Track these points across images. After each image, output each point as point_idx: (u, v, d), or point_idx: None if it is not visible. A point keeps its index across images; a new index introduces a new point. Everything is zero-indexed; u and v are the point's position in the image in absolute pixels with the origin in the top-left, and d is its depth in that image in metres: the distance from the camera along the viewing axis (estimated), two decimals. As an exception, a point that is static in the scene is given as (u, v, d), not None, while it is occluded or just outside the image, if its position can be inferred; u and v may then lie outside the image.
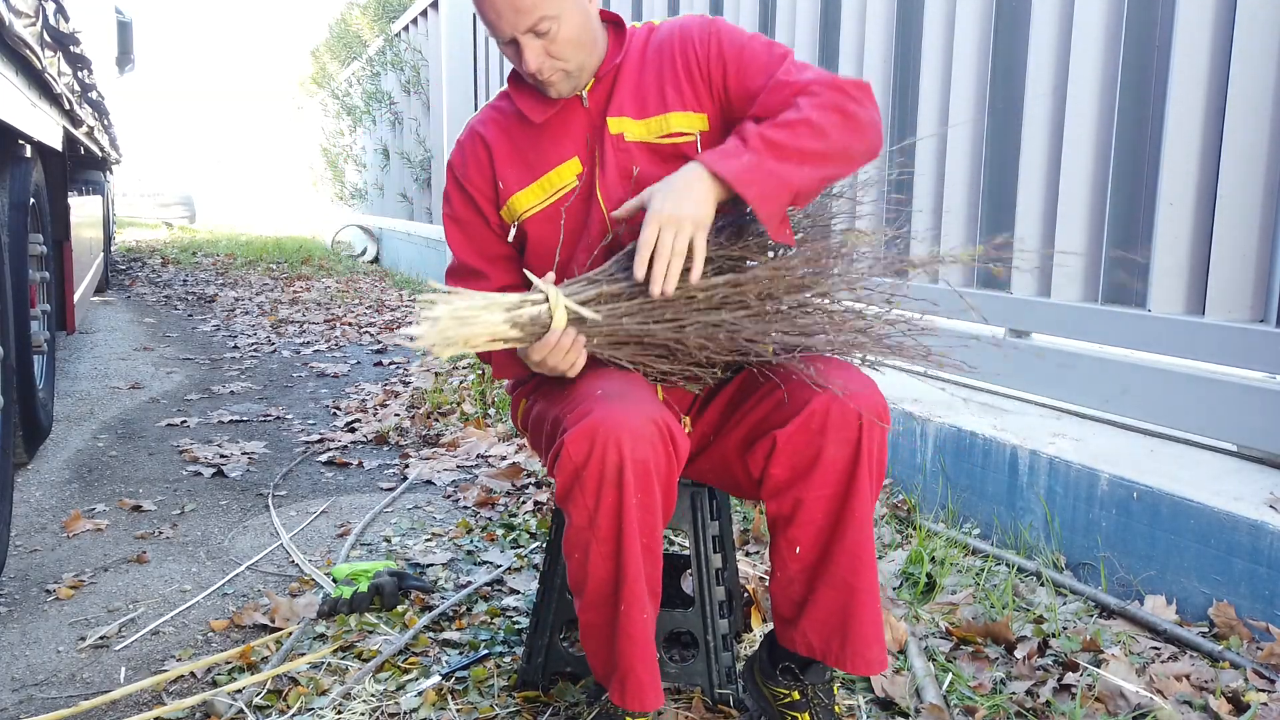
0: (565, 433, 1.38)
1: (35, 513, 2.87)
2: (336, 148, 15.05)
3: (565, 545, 1.45)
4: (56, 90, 3.37)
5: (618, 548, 1.40)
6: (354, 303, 8.07)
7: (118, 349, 5.75)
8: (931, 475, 2.77)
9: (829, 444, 1.45)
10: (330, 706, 1.76)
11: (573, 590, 1.49)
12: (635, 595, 1.41)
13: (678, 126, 1.58)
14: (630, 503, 1.37)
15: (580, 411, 1.39)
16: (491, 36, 1.53)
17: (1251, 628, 1.94)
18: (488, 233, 1.67)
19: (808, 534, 1.50)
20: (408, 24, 10.67)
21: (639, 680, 1.44)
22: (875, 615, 1.51)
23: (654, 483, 1.39)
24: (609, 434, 1.35)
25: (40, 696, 1.86)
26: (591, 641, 1.49)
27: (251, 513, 2.92)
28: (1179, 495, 2.09)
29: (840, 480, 1.46)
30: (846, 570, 1.49)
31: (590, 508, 1.38)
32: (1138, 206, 2.61)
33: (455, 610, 2.19)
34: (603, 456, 1.35)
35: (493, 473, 3.20)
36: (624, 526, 1.38)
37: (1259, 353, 2.23)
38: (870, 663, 1.51)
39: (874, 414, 1.45)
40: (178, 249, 13.86)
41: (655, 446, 1.38)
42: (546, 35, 1.47)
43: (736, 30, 1.61)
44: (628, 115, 1.59)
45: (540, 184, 1.61)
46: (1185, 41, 2.39)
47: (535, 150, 1.62)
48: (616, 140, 1.59)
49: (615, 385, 1.44)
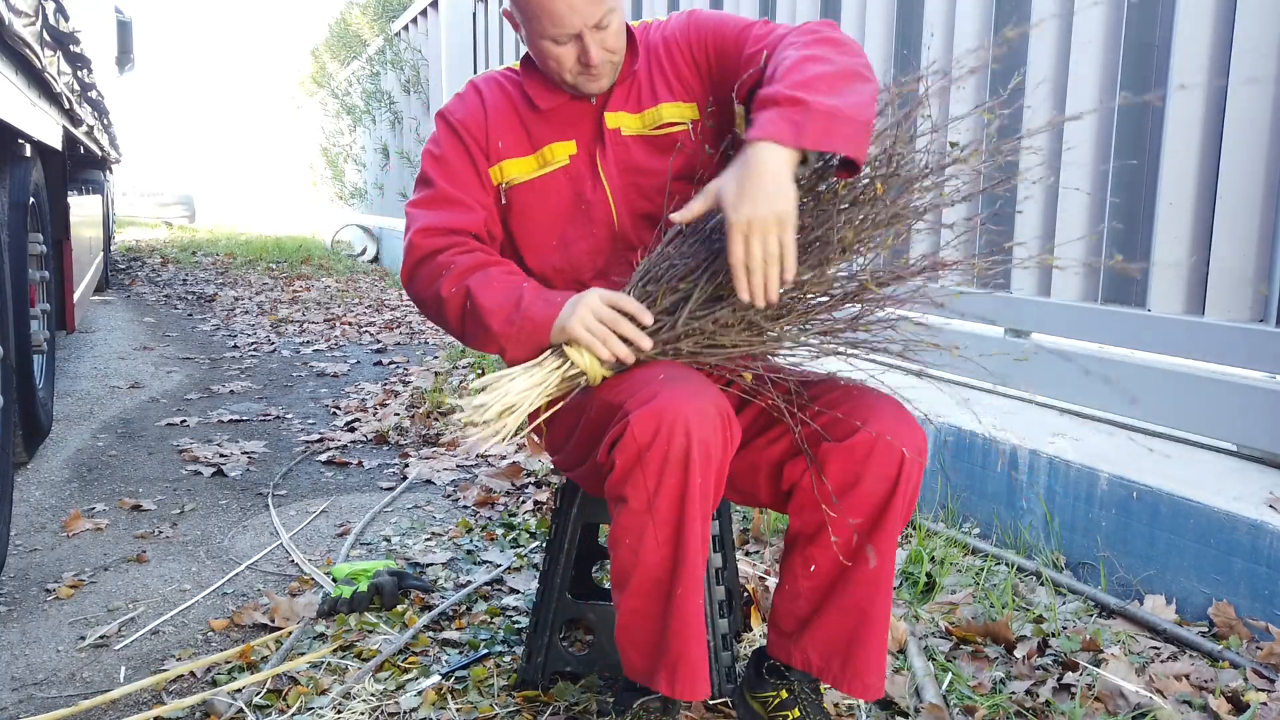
0: (628, 415, 1.36)
1: (35, 512, 2.87)
2: (336, 147, 15.05)
3: (614, 533, 1.42)
4: (56, 90, 3.37)
5: (677, 531, 1.38)
6: (354, 302, 8.06)
7: (117, 348, 5.75)
8: (931, 475, 2.77)
9: (869, 475, 1.46)
10: (330, 706, 1.76)
11: (616, 582, 1.45)
12: (694, 580, 1.40)
13: (669, 117, 1.63)
14: (694, 485, 1.36)
15: (645, 394, 1.38)
16: (549, 37, 1.51)
17: (1251, 627, 1.94)
18: (472, 179, 1.64)
19: (828, 556, 1.50)
20: (407, 24, 10.67)
21: (692, 665, 1.42)
22: (881, 644, 1.52)
23: (714, 467, 1.38)
24: (676, 416, 1.34)
25: (40, 696, 1.86)
26: (635, 633, 1.45)
27: (251, 512, 2.92)
28: (1179, 495, 2.09)
29: (873, 512, 1.47)
30: (862, 598, 1.50)
31: (651, 489, 1.36)
32: (1138, 206, 2.61)
33: (455, 610, 2.19)
34: (669, 438, 1.34)
35: (492, 472, 3.20)
36: (686, 509, 1.37)
37: (1259, 353, 2.23)
38: (868, 687, 1.52)
39: (915, 453, 1.47)
40: (177, 248, 13.86)
41: (718, 431, 1.38)
42: (606, 29, 1.51)
43: (711, 13, 1.68)
44: (625, 110, 1.63)
45: (536, 157, 1.64)
46: (1185, 41, 2.39)
47: (535, 126, 1.65)
48: (614, 135, 1.63)
49: (676, 371, 1.44)
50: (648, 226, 1.64)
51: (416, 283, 1.61)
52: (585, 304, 1.46)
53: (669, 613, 1.41)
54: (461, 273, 1.54)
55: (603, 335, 1.45)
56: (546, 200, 1.65)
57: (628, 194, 1.64)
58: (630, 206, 1.64)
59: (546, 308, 1.48)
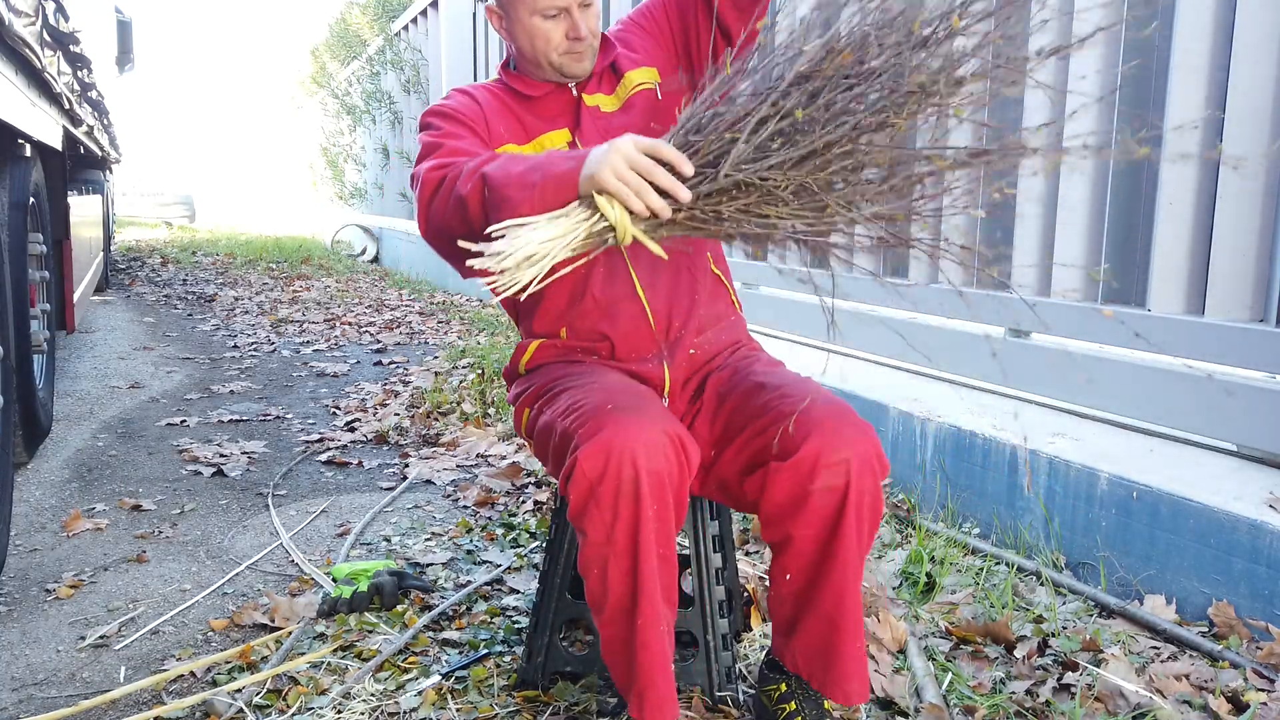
0: (578, 449, 1.37)
1: (35, 512, 2.87)
2: (336, 147, 15.05)
3: (582, 563, 1.45)
4: (56, 90, 3.37)
5: (634, 562, 1.40)
6: (354, 302, 8.06)
7: (117, 348, 5.75)
8: (931, 475, 2.77)
9: (816, 490, 1.45)
10: (330, 706, 1.76)
11: (592, 607, 1.48)
12: (653, 609, 1.41)
13: (636, 81, 1.73)
14: (647, 515, 1.37)
15: (591, 427, 1.39)
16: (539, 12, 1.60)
17: (1251, 627, 1.94)
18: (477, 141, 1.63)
19: (797, 565, 1.52)
20: (407, 24, 10.68)
21: (658, 694, 1.44)
22: (857, 651, 1.52)
23: (668, 494, 1.39)
24: (623, 448, 1.35)
25: (40, 696, 1.86)
26: (613, 656, 1.49)
27: (251, 512, 2.92)
28: (1179, 495, 2.09)
29: (826, 525, 1.47)
30: (830, 607, 1.51)
31: (608, 523, 1.38)
32: (1137, 206, 2.61)
33: (455, 610, 2.19)
34: (618, 471, 1.35)
35: (492, 472, 3.20)
36: (641, 539, 1.38)
37: (1259, 353, 2.23)
38: (849, 694, 1.53)
39: (864, 463, 1.46)
40: (177, 248, 13.85)
41: (669, 457, 1.38)
42: (589, 6, 1.62)
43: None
44: (600, 93, 1.73)
45: (533, 145, 1.69)
46: (1185, 40, 2.39)
47: (527, 117, 1.72)
48: (593, 111, 1.71)
49: (625, 398, 1.45)
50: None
51: (434, 217, 1.49)
52: (617, 150, 1.30)
53: (632, 643, 1.43)
54: (475, 168, 1.43)
55: (636, 185, 1.29)
56: None
57: None
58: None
59: (569, 160, 1.35)
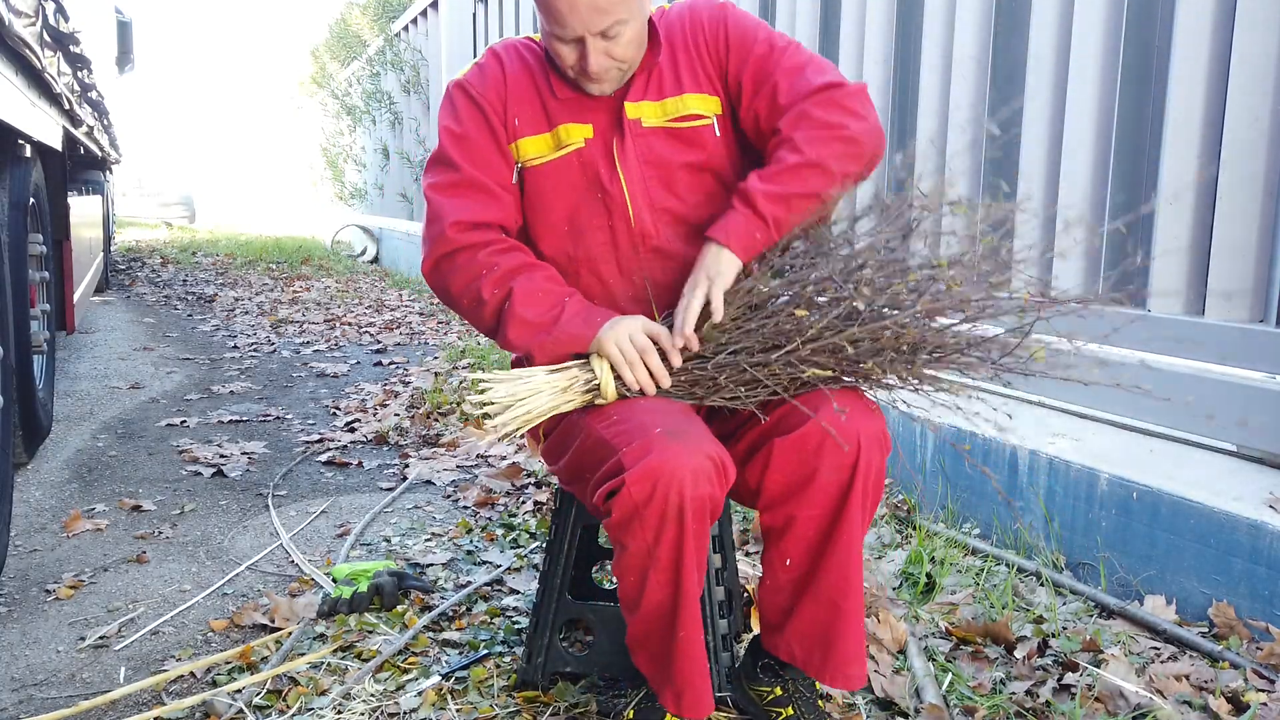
0: (626, 471, 1.38)
1: (35, 513, 2.87)
2: (336, 148, 15.04)
3: (618, 566, 1.46)
4: (56, 90, 3.37)
5: (676, 575, 1.42)
6: (354, 303, 8.06)
7: (117, 349, 5.75)
8: (931, 475, 2.77)
9: (824, 467, 1.45)
10: (330, 706, 1.76)
11: (624, 604, 1.50)
12: (692, 618, 1.45)
13: (694, 108, 1.61)
14: (689, 534, 1.39)
15: (639, 449, 1.39)
16: (552, 33, 1.50)
17: (1251, 628, 1.94)
18: (496, 157, 1.62)
19: (799, 549, 1.51)
20: (408, 24, 10.67)
21: (697, 692, 1.48)
22: (858, 634, 1.52)
23: (708, 516, 1.41)
24: (672, 476, 1.36)
25: (40, 696, 1.86)
26: (644, 652, 1.52)
27: (251, 513, 2.92)
28: (1179, 495, 2.09)
29: (832, 503, 1.47)
30: (833, 589, 1.50)
31: (650, 541, 1.40)
32: (1137, 206, 2.61)
33: (455, 610, 2.19)
34: (665, 498, 1.36)
35: (492, 473, 3.20)
36: (683, 557, 1.41)
37: (1259, 353, 2.23)
38: (850, 678, 1.53)
39: (873, 441, 1.46)
40: (177, 249, 13.85)
41: (713, 483, 1.40)
42: (614, 39, 1.48)
43: (743, 17, 1.63)
44: (647, 99, 1.60)
45: (552, 135, 1.61)
46: (1185, 41, 2.39)
47: (553, 102, 1.62)
48: (634, 125, 1.60)
49: (672, 421, 1.45)
50: (670, 222, 1.62)
51: (447, 276, 1.60)
52: (625, 325, 1.51)
53: (672, 647, 1.47)
54: (504, 275, 1.55)
55: (631, 359, 1.50)
56: (560, 184, 1.63)
57: (648, 187, 1.61)
58: (650, 200, 1.62)
59: (585, 327, 1.53)
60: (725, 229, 1.51)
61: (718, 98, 1.62)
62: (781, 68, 1.56)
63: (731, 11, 1.63)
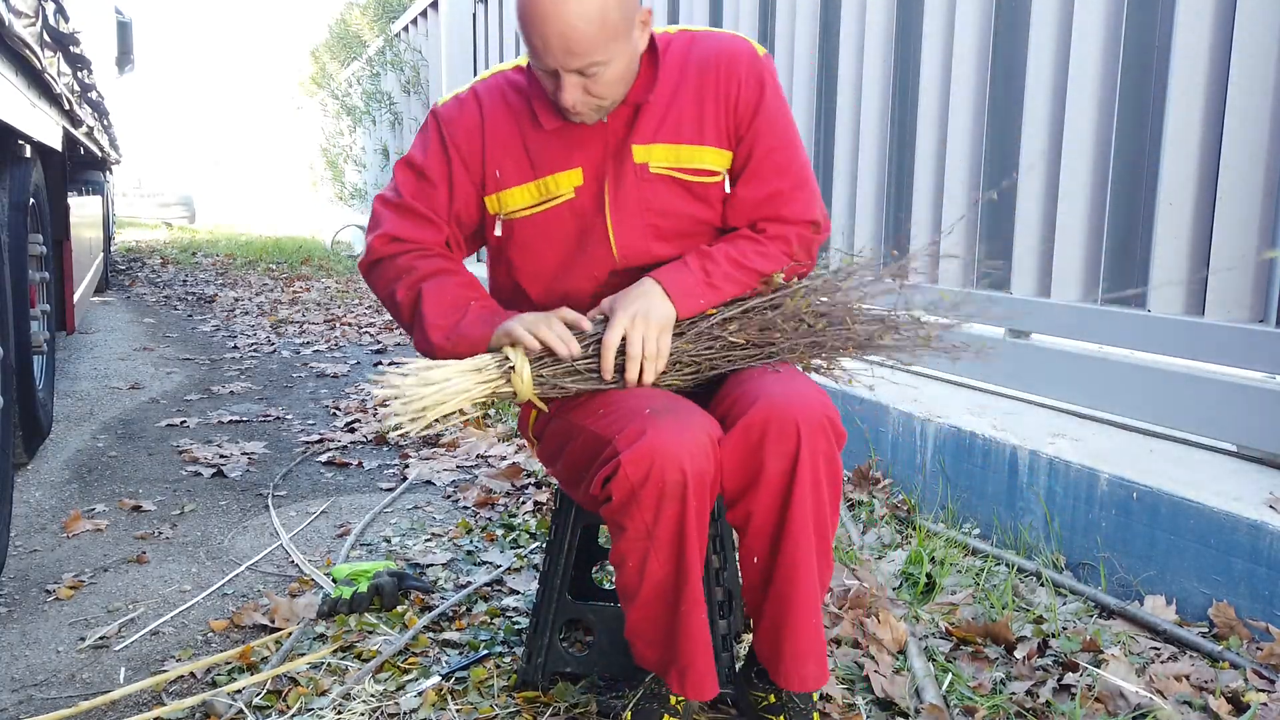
0: (619, 454, 1.38)
1: (35, 513, 2.87)
2: (336, 148, 15.04)
3: (616, 552, 1.46)
4: (56, 90, 3.37)
5: (679, 553, 1.42)
6: (354, 303, 8.07)
7: (117, 349, 5.75)
8: (931, 475, 2.77)
9: (769, 456, 1.43)
10: (330, 707, 1.76)
11: (623, 592, 1.50)
12: (696, 596, 1.45)
13: (711, 163, 1.58)
14: (691, 512, 1.40)
15: (633, 431, 1.39)
16: (532, 60, 1.46)
17: (1251, 628, 1.94)
18: (443, 200, 1.62)
19: (760, 544, 1.49)
20: (408, 24, 10.67)
21: (699, 672, 1.48)
22: (810, 631, 1.48)
23: (708, 490, 1.42)
24: (668, 454, 1.36)
25: (40, 697, 1.86)
26: (645, 636, 1.51)
27: (251, 513, 2.92)
28: (1179, 495, 2.09)
29: (779, 495, 1.45)
30: (783, 583, 1.47)
31: (648, 521, 1.40)
32: (1137, 206, 2.61)
33: (455, 610, 2.19)
34: (663, 475, 1.37)
35: (492, 473, 3.20)
36: (685, 535, 1.41)
37: (1259, 353, 2.23)
38: (804, 679, 1.50)
39: (815, 424, 1.43)
40: (177, 249, 13.86)
41: (710, 458, 1.41)
42: (591, 77, 1.43)
43: (779, 97, 1.61)
44: (659, 142, 1.55)
45: (537, 185, 1.58)
46: (1185, 41, 2.39)
47: (539, 149, 1.57)
48: (640, 170, 1.56)
49: (661, 400, 1.45)
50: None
51: (373, 279, 1.68)
52: (529, 314, 1.55)
53: (676, 625, 1.46)
54: (417, 279, 1.60)
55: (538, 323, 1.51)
56: (548, 234, 1.61)
57: (644, 234, 1.59)
58: (642, 246, 1.59)
59: (484, 327, 1.55)
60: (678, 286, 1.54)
61: (731, 153, 1.59)
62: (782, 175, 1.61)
63: (770, 82, 1.59)
